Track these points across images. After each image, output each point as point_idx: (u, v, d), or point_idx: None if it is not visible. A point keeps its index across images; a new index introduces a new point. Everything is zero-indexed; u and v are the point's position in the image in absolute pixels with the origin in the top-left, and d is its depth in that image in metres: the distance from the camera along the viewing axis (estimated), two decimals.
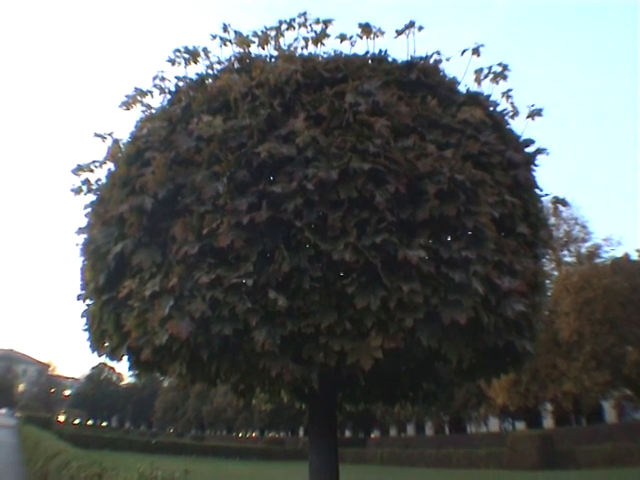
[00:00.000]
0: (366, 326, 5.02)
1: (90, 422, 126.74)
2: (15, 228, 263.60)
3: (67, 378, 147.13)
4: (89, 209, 6.79)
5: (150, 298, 5.20)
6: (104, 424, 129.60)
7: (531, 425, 53.49)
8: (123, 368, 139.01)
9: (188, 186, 5.37)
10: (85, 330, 6.88)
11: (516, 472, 33.33)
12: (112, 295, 5.82)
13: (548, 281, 6.92)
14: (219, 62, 6.89)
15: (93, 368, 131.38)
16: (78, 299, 6.91)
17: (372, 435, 77.43)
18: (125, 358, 6.43)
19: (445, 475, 33.47)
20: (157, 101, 7.00)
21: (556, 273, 40.49)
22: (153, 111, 6.88)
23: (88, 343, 6.87)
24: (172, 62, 6.80)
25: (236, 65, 6.76)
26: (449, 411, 58.22)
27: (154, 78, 6.96)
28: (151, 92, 6.99)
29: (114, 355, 6.39)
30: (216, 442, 74.00)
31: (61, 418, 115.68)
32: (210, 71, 6.89)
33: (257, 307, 4.94)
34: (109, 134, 6.91)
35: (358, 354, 5.03)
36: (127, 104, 6.95)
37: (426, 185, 5.18)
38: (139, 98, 6.98)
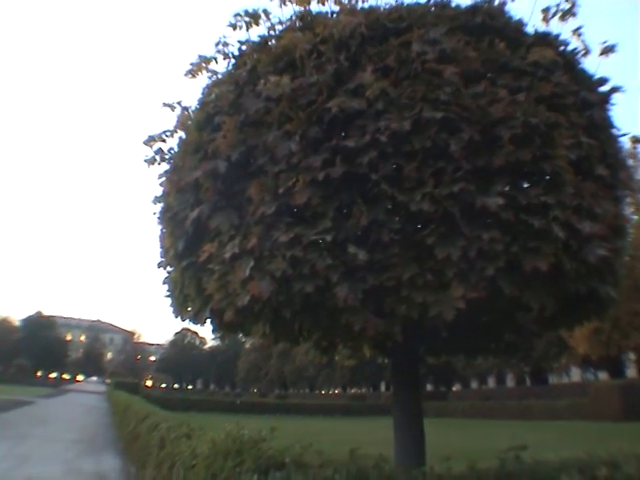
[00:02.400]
0: (447, 277, 4.95)
1: (176, 385, 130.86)
2: (97, 201, 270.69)
3: (152, 344, 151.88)
4: (164, 178, 6.92)
5: (230, 260, 5.26)
6: (189, 387, 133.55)
7: (614, 375, 52.50)
8: (206, 332, 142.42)
9: (260, 147, 5.38)
10: (167, 296, 7.05)
11: (598, 423, 32.83)
12: (192, 260, 5.93)
13: (628, 225, 6.70)
14: (280, 22, 6.80)
15: (176, 333, 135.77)
16: (159, 267, 7.08)
17: (453, 388, 77.55)
18: (208, 321, 6.57)
19: (527, 427, 33.22)
20: (222, 66, 7.01)
21: (636, 217, 39.26)
22: (219, 76, 6.88)
23: (171, 309, 7.04)
24: (233, 27, 6.76)
25: (298, 23, 6.68)
26: (530, 362, 57.71)
27: (217, 44, 6.92)
28: (215, 58, 6.96)
29: (197, 319, 6.52)
30: (299, 400, 75.38)
31: (148, 383, 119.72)
32: (272, 32, 6.82)
33: (337, 263, 4.92)
34: (178, 103, 6.98)
35: (440, 305, 4.97)
36: (192, 72, 6.95)
37: (500, 131, 5.06)
38: (204, 65, 6.98)
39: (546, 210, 4.98)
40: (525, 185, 5.32)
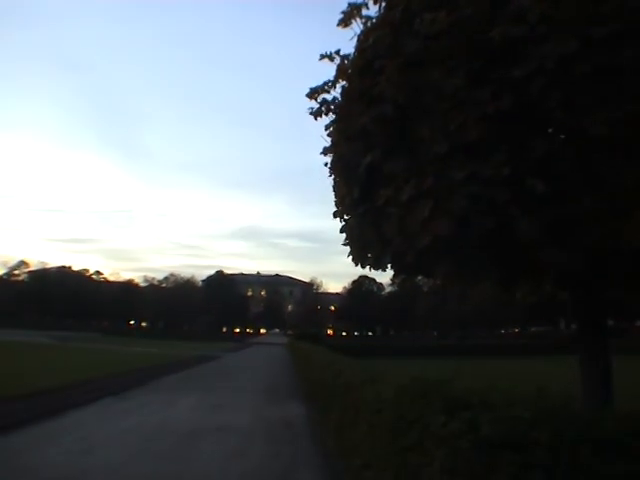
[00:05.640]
0: (630, 204, 4.70)
1: (356, 333, 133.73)
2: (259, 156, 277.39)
3: (330, 294, 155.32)
4: (331, 128, 7.02)
5: (408, 202, 5.28)
6: (369, 333, 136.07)
7: None
8: (383, 278, 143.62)
9: (425, 86, 5.32)
10: (345, 244, 7.19)
11: None
12: (369, 206, 6.02)
13: None
14: None
15: (354, 282, 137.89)
16: (335, 216, 7.23)
17: (637, 324, 74.13)
18: (388, 266, 6.65)
19: None
20: (373, 12, 6.94)
21: None
22: (373, 21, 6.82)
23: (350, 257, 7.18)
24: None
25: None
26: None
27: None
28: (366, 4, 6.91)
29: (378, 264, 6.62)
30: (479, 341, 74.90)
31: (329, 332, 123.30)
32: None
33: (516, 196, 4.79)
34: (336, 53, 7.01)
35: (627, 234, 4.75)
36: (344, 21, 6.93)
37: None
38: (355, 12, 6.93)
39: None
40: None
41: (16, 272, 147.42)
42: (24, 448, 10.90)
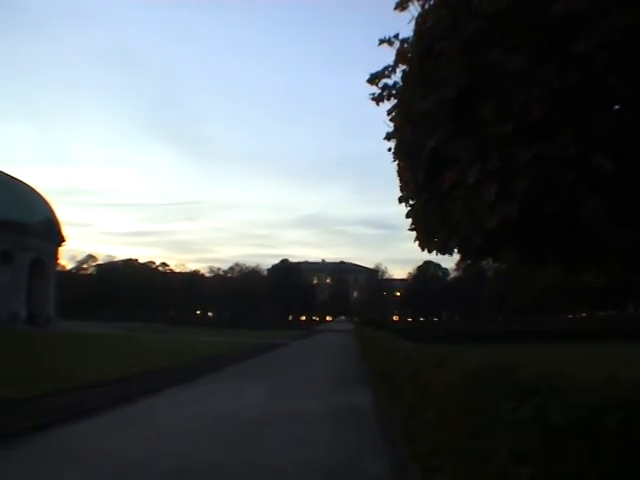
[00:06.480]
0: None
1: (422, 319, 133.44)
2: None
3: (395, 280, 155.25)
4: (393, 113, 6.97)
5: (473, 185, 5.20)
6: (435, 319, 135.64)
7: None
8: (448, 263, 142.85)
9: (487, 66, 5.20)
10: (411, 229, 7.16)
11: None
12: (434, 190, 5.96)
13: None
14: None
15: (418, 267, 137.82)
16: (400, 202, 7.18)
17: None
18: (455, 250, 6.60)
19: None
20: None
21: None
22: (431, 3, 6.72)
23: (416, 242, 7.15)
24: None
25: None
26: None
27: None
28: None
29: (444, 249, 6.56)
30: (545, 325, 73.87)
31: (395, 318, 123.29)
32: None
33: (584, 176, 4.65)
34: (395, 37, 6.95)
35: None
36: (401, 4, 6.83)
37: None
38: None
39: None
40: None
41: (85, 266, 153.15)
42: (97, 434, 11.24)
